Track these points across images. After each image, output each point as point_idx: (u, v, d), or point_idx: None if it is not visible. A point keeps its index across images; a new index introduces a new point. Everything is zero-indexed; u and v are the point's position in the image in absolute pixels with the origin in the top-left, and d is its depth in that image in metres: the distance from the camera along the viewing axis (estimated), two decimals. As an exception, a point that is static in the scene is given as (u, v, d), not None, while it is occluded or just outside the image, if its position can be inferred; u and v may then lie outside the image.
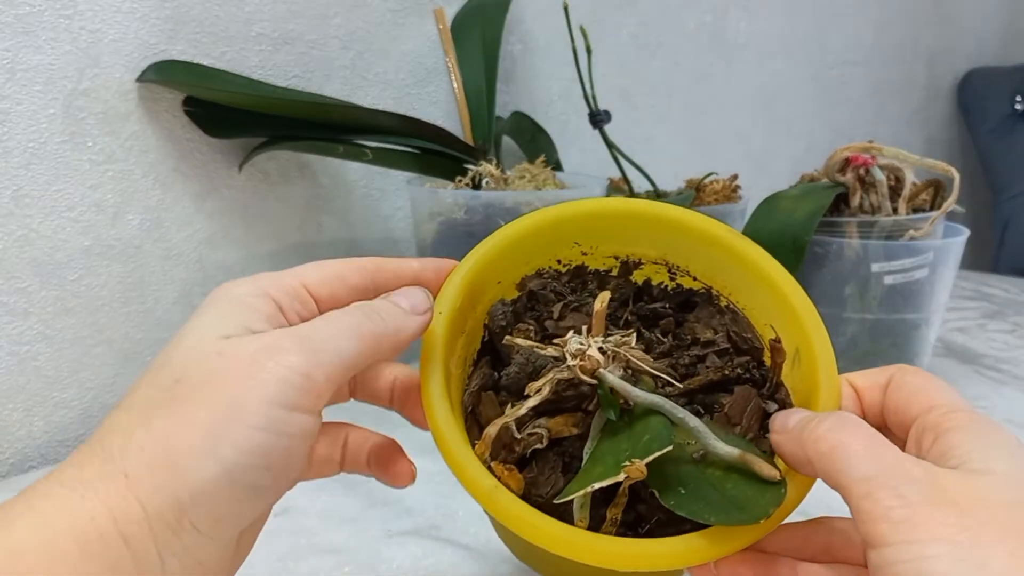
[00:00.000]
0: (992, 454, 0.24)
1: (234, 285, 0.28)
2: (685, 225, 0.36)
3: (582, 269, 0.37)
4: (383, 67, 0.75)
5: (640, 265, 0.38)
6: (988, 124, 1.53)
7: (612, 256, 0.38)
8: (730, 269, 0.36)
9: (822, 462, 0.25)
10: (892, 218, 0.60)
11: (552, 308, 0.35)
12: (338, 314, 0.28)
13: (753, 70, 1.16)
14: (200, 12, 0.63)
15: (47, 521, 0.23)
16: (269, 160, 0.69)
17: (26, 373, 0.59)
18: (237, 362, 0.25)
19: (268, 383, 0.25)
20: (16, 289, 0.58)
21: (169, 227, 0.64)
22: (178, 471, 0.23)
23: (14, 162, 0.56)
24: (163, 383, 0.25)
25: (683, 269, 0.38)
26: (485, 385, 0.33)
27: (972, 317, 0.90)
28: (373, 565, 0.45)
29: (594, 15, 0.93)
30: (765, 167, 1.23)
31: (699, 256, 0.37)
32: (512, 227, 0.36)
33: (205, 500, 0.24)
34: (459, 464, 0.28)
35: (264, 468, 0.25)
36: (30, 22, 0.55)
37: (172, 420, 0.24)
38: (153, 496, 0.23)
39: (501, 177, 0.62)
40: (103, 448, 0.24)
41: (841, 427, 0.25)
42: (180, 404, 0.24)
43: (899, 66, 1.44)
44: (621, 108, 0.98)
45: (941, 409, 0.26)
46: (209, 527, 0.24)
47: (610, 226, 0.37)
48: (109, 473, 0.24)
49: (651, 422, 0.28)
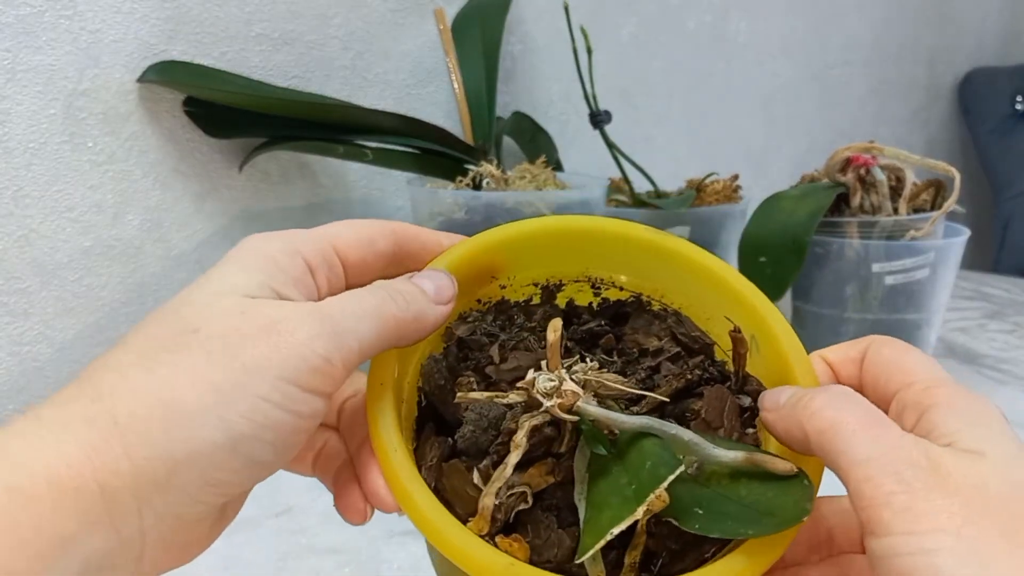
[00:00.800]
0: (980, 433, 0.23)
1: (266, 240, 0.26)
2: (603, 232, 0.34)
3: (504, 304, 0.34)
4: (383, 67, 0.75)
5: (562, 287, 0.35)
6: (989, 124, 1.53)
7: (531, 284, 0.35)
8: (659, 270, 0.34)
9: (819, 440, 0.24)
10: (893, 218, 0.60)
11: (488, 352, 0.32)
12: (363, 294, 0.26)
13: (753, 70, 1.16)
14: (200, 12, 0.63)
15: (18, 463, 0.20)
16: (269, 160, 0.69)
17: (27, 374, 0.59)
18: (259, 328, 0.23)
19: (288, 359, 0.23)
20: (16, 289, 0.58)
21: (169, 227, 0.64)
22: (178, 426, 0.22)
23: (14, 162, 0.56)
24: (175, 328, 0.24)
25: (607, 281, 0.35)
26: (443, 455, 0.29)
27: (973, 317, 0.90)
28: (374, 565, 0.45)
29: (594, 15, 0.93)
30: (766, 167, 1.23)
31: (622, 263, 0.35)
32: None
33: (201, 462, 0.22)
34: (463, 550, 0.24)
35: (268, 443, 0.23)
36: (30, 22, 0.55)
37: (179, 369, 0.22)
38: (143, 449, 0.21)
39: (502, 177, 0.62)
40: (92, 386, 0.22)
41: (837, 403, 0.24)
42: (191, 355, 0.23)
43: (900, 66, 1.44)
44: (621, 108, 0.98)
45: (921, 384, 0.25)
46: (197, 490, 0.22)
47: (523, 250, 0.34)
48: (95, 414, 0.22)
49: (645, 447, 0.26)
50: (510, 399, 0.28)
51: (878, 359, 0.27)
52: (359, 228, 0.28)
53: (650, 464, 0.25)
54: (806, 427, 0.24)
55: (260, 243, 0.26)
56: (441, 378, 0.30)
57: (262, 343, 0.23)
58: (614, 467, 0.27)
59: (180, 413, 0.22)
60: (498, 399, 0.28)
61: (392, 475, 0.26)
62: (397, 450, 0.26)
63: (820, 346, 0.30)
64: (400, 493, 0.26)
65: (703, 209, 0.71)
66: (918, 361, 0.26)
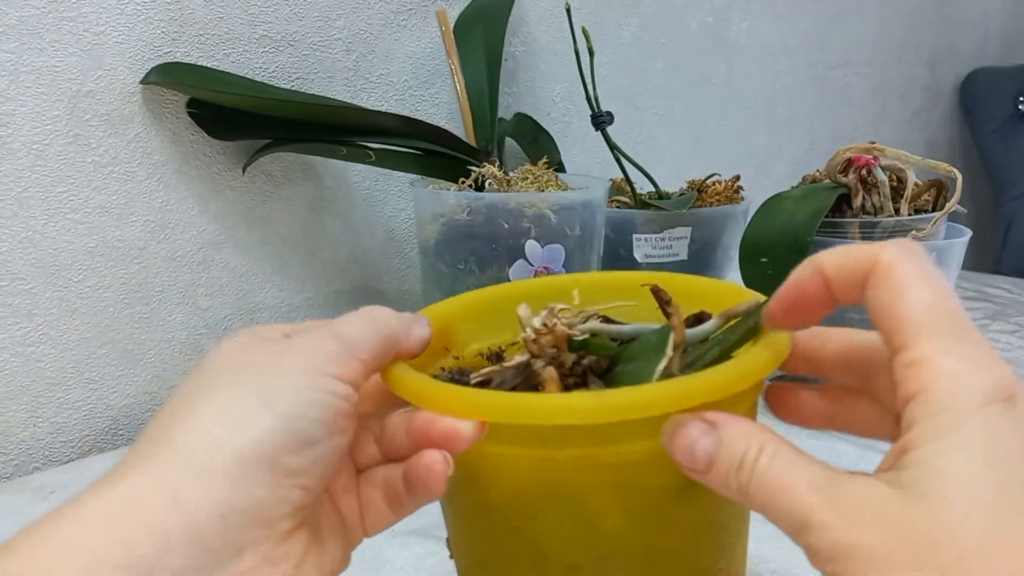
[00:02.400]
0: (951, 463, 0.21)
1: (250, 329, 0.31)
2: (519, 294, 0.37)
3: (464, 371, 0.36)
4: (386, 69, 0.75)
5: (502, 352, 0.38)
6: (990, 125, 1.53)
7: (478, 355, 0.37)
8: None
9: (764, 510, 0.23)
10: (894, 219, 0.60)
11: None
12: (357, 312, 0.30)
13: (755, 71, 1.16)
14: (204, 14, 0.63)
15: (85, 508, 0.23)
16: (273, 162, 0.69)
17: (31, 374, 0.59)
18: (272, 350, 0.27)
19: (305, 354, 0.27)
20: (21, 291, 0.58)
21: (173, 228, 0.64)
22: (234, 424, 0.24)
23: (18, 164, 0.56)
24: (202, 377, 0.27)
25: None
26: None
27: (975, 318, 0.90)
28: (375, 565, 0.45)
29: (596, 17, 0.93)
30: (767, 168, 1.23)
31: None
32: None
33: (266, 448, 0.24)
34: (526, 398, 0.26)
35: (315, 420, 0.26)
36: (34, 24, 0.56)
37: (217, 391, 0.26)
38: (208, 453, 0.24)
39: (504, 179, 0.62)
40: (142, 441, 0.25)
41: (781, 474, 0.23)
42: (223, 381, 0.26)
43: (901, 67, 1.44)
44: (623, 109, 0.98)
45: (909, 354, 0.22)
46: (272, 481, 0.24)
47: (464, 322, 0.37)
48: (153, 451, 0.24)
49: (642, 339, 0.30)
50: (516, 360, 0.31)
51: (874, 302, 0.24)
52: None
53: (656, 336, 0.29)
54: (749, 500, 0.24)
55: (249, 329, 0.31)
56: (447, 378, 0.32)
57: (281, 353, 0.27)
58: (626, 367, 0.29)
59: (232, 416, 0.25)
60: (506, 364, 0.30)
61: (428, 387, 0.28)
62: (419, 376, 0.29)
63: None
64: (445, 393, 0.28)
65: (704, 210, 0.71)
66: (916, 311, 0.23)
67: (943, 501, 0.20)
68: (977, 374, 0.21)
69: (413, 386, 0.29)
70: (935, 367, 0.22)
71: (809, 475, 0.23)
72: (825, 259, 0.25)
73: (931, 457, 0.21)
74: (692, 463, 0.25)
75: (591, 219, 0.61)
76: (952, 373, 0.22)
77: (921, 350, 0.22)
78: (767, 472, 0.23)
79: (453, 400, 0.27)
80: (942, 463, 0.21)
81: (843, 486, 0.22)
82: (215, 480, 0.23)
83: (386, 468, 0.31)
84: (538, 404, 0.26)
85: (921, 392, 0.22)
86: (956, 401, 0.21)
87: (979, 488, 0.20)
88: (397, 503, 0.31)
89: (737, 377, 0.26)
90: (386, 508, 0.31)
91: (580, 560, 0.29)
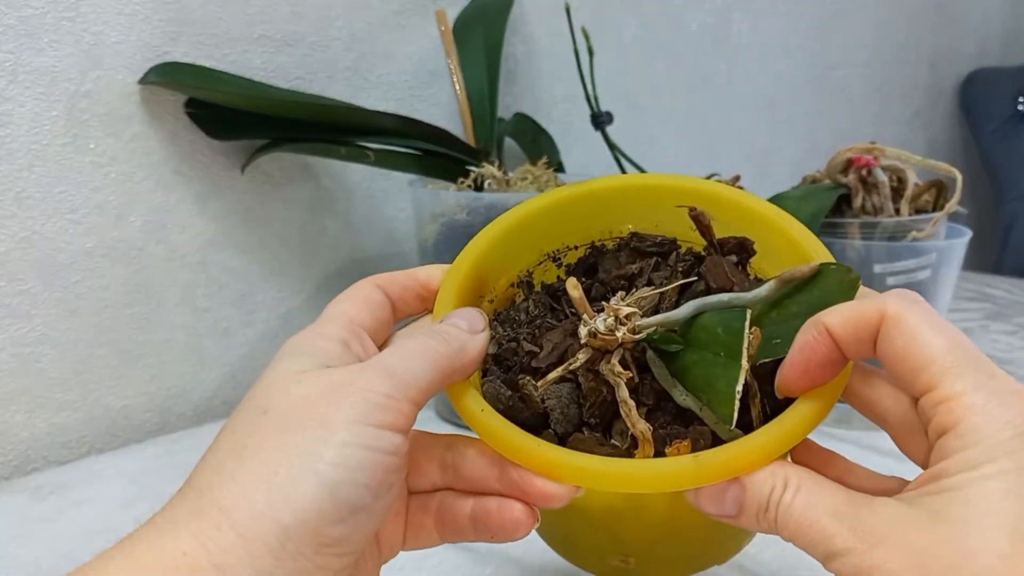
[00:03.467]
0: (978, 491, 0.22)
1: (300, 336, 0.29)
2: (538, 212, 0.37)
3: (502, 314, 0.35)
4: (386, 69, 0.75)
5: (531, 275, 0.38)
6: (991, 125, 1.53)
7: (508, 287, 0.37)
8: (596, 216, 0.37)
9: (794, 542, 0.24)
10: (895, 219, 0.60)
11: (524, 351, 0.33)
12: (405, 341, 0.29)
13: (755, 71, 1.16)
14: (203, 14, 0.63)
15: (139, 562, 0.23)
16: (272, 162, 0.69)
17: (29, 375, 0.59)
18: (320, 390, 0.26)
19: (354, 405, 0.25)
20: (19, 291, 0.58)
21: (172, 229, 0.64)
22: (278, 493, 0.23)
23: (17, 164, 0.56)
24: (249, 417, 0.26)
25: (561, 249, 0.38)
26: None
27: (975, 318, 0.90)
28: (375, 567, 0.45)
29: (596, 17, 0.93)
30: (767, 168, 1.23)
31: (564, 231, 0.38)
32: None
33: (308, 521, 0.23)
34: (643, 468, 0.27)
35: (363, 485, 0.25)
36: (33, 24, 0.55)
37: (265, 447, 0.25)
38: (251, 523, 0.23)
39: (503, 179, 0.62)
40: (193, 488, 0.25)
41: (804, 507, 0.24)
42: (270, 432, 0.25)
43: (901, 67, 1.44)
44: (623, 109, 0.98)
45: (939, 393, 0.23)
46: (313, 552, 0.24)
47: (489, 262, 0.36)
48: (201, 508, 0.23)
49: (704, 323, 0.28)
50: (579, 361, 0.29)
51: (891, 351, 0.25)
52: (353, 296, 0.31)
53: (721, 329, 0.27)
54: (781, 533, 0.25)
55: (297, 338, 0.29)
56: (505, 395, 0.30)
57: (327, 400, 0.25)
58: (692, 355, 0.28)
59: (277, 482, 0.24)
60: (571, 366, 0.29)
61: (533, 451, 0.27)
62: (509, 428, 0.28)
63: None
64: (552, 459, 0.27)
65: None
66: (938, 353, 0.24)
67: (964, 526, 0.21)
68: (1008, 408, 0.23)
69: (510, 442, 0.28)
70: (966, 402, 0.23)
71: (831, 504, 0.24)
72: (829, 319, 0.26)
73: (961, 485, 0.22)
74: (721, 511, 0.26)
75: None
76: (984, 407, 0.23)
77: (951, 387, 0.23)
78: (791, 507, 0.24)
79: (556, 463, 0.27)
80: (970, 492, 0.22)
81: (865, 511, 0.23)
82: (257, 551, 0.23)
83: (444, 496, 0.31)
84: (641, 475, 0.26)
85: (955, 425, 0.23)
86: (989, 434, 0.22)
87: (1001, 516, 0.21)
88: (453, 532, 0.30)
89: (806, 427, 0.26)
90: (435, 533, 0.31)
91: (654, 535, 0.32)
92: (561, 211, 0.37)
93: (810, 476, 0.25)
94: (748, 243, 0.34)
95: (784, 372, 0.27)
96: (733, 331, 0.27)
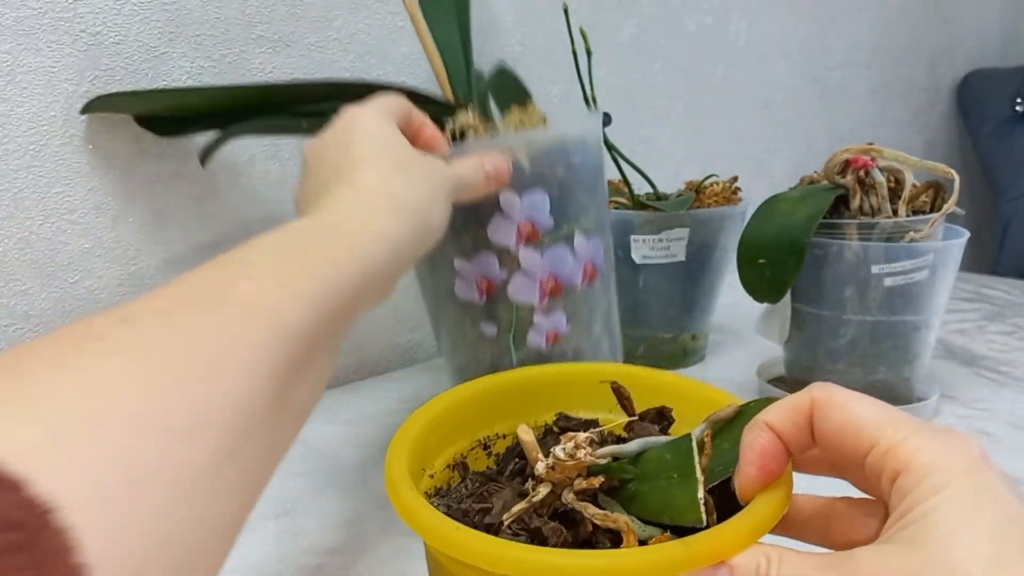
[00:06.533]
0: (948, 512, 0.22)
1: (367, 110, 0.43)
2: (469, 401, 0.39)
3: (442, 490, 0.36)
4: (384, 69, 0.75)
5: (464, 458, 0.39)
6: (988, 126, 1.53)
7: (446, 468, 0.38)
8: (526, 404, 0.41)
9: None
10: (892, 220, 0.60)
11: (475, 510, 0.34)
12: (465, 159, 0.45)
13: (753, 72, 1.16)
14: (201, 14, 0.63)
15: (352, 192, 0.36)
16: (270, 161, 0.69)
17: (26, 375, 0.59)
18: (421, 158, 0.41)
19: (447, 180, 0.41)
20: (16, 291, 0.58)
21: (170, 230, 0.64)
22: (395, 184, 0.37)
23: (14, 164, 0.56)
24: (360, 142, 0.40)
25: (492, 437, 0.41)
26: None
27: (972, 319, 0.90)
28: (374, 566, 0.45)
29: (594, 17, 0.93)
30: (765, 169, 1.23)
31: (494, 416, 0.40)
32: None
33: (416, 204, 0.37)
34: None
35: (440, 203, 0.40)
36: (31, 24, 0.55)
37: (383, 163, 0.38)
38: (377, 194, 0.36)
39: (483, 125, 0.54)
40: (337, 177, 0.38)
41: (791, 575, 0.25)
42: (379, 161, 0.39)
43: (899, 68, 1.44)
44: (621, 110, 0.98)
45: (884, 444, 0.25)
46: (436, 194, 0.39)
47: (427, 439, 0.37)
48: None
49: (651, 455, 0.31)
50: (540, 494, 0.31)
51: (828, 427, 0.27)
52: (395, 106, 0.45)
53: (670, 455, 0.30)
54: None
55: (372, 103, 0.43)
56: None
57: (432, 167, 0.41)
58: (643, 485, 0.30)
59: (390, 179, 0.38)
60: (533, 498, 0.31)
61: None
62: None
63: (820, 347, 0.31)
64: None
65: (702, 211, 0.71)
66: (871, 416, 0.26)
67: (944, 541, 0.22)
68: (950, 441, 0.24)
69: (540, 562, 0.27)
70: (912, 444, 0.24)
71: (814, 564, 0.25)
72: (767, 416, 0.28)
73: (930, 510, 0.23)
74: None
75: (581, 157, 0.53)
76: (929, 444, 0.24)
77: (893, 436, 0.25)
78: None
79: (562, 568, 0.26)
80: (941, 513, 0.23)
81: (847, 562, 0.24)
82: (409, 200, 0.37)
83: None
84: (635, 564, 0.26)
85: (907, 465, 0.24)
86: (942, 463, 0.23)
87: (978, 524, 0.22)
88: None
89: (780, 507, 0.28)
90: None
91: None
92: (490, 397, 0.40)
93: (788, 549, 0.26)
94: (667, 411, 0.37)
95: (742, 474, 0.28)
96: (682, 452, 0.29)
